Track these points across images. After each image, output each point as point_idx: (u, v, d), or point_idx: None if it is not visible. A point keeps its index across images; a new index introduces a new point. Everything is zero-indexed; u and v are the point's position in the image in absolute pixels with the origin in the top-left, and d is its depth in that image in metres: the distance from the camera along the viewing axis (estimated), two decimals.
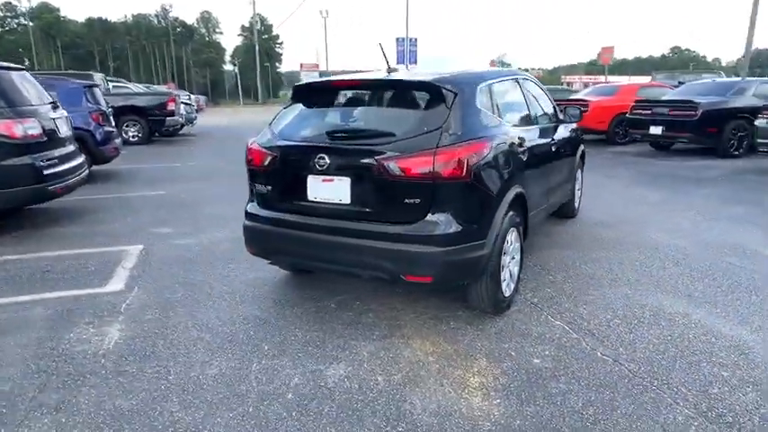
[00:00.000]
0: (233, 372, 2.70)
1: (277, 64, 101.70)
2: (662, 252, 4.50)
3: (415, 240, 2.78)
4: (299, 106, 3.42)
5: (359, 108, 3.32)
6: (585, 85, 28.93)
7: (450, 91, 2.93)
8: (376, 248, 2.86)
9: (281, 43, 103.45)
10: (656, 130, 9.91)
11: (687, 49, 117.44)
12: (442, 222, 2.78)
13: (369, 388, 2.54)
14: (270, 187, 3.26)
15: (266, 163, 3.21)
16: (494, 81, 3.51)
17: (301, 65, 59.01)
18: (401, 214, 2.84)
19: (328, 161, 2.93)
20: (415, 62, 42.65)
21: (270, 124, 3.45)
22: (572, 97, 12.82)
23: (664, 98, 10.63)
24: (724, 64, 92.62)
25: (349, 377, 2.64)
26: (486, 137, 3.02)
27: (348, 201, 2.95)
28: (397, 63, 43.00)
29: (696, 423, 2.23)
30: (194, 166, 10.21)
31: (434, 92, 2.96)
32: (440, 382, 2.58)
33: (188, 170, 9.65)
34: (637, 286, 3.74)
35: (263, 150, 3.24)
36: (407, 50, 41.63)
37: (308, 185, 3.06)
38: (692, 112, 9.37)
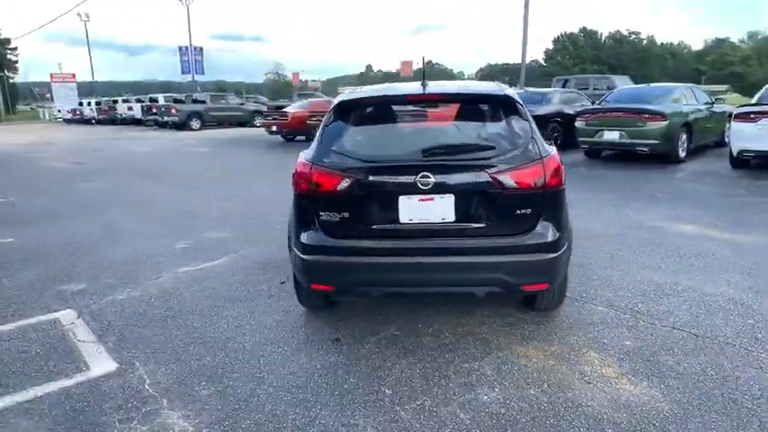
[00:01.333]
0: (388, 426, 2.38)
1: (11, 74, 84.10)
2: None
3: (532, 250, 2.84)
4: (354, 122, 3.13)
5: (438, 123, 3.19)
6: None
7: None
8: (490, 263, 2.82)
9: (13, 49, 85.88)
10: None
11: (437, 63, 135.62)
12: (550, 229, 2.89)
13: (537, 402, 2.53)
14: (347, 213, 2.92)
15: (343, 187, 2.87)
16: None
17: (51, 75, 50.11)
18: (512, 226, 2.86)
19: (432, 179, 2.77)
20: (203, 72, 40.29)
21: (320, 143, 3.07)
22: None
23: None
24: (466, 77, 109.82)
25: (507, 397, 2.58)
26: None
27: (452, 218, 2.84)
28: (182, 73, 40.09)
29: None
30: (18, 202, 8.01)
31: (514, 105, 3.04)
32: (585, 380, 2.71)
33: (18, 208, 7.54)
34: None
35: (338, 173, 2.88)
36: (192, 60, 39.03)
37: (401, 207, 2.84)
38: None
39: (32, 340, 3.31)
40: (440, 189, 2.79)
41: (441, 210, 2.83)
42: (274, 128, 17.40)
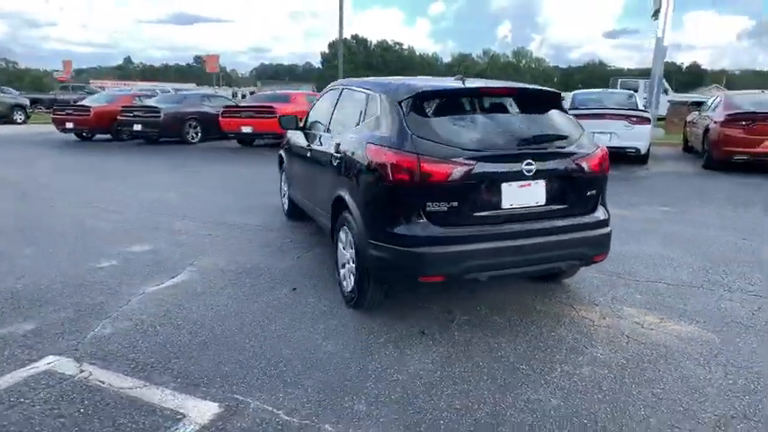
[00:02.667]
0: (558, 382, 2.57)
1: None
2: None
3: (600, 225, 3.30)
4: (436, 112, 3.14)
5: (511, 114, 3.34)
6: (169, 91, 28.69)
7: None
8: (576, 239, 3.19)
9: None
10: (137, 127, 13.86)
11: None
12: (604, 207, 3.40)
13: (629, 349, 3.00)
14: (456, 203, 2.93)
15: (455, 176, 2.89)
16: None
17: None
18: (583, 206, 3.27)
19: (534, 166, 3.01)
20: None
21: (403, 132, 3.00)
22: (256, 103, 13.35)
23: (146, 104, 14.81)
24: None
25: (605, 353, 3.00)
26: None
27: (543, 201, 3.12)
28: None
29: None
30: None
31: (560, 99, 3.46)
32: (646, 327, 3.29)
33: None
34: None
35: (449, 163, 2.88)
36: None
37: (504, 193, 3.01)
38: (157, 115, 13.45)
39: (49, 401, 2.45)
40: (536, 175, 3.05)
41: (535, 194, 3.09)
42: (70, 125, 14.63)
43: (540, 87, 3.62)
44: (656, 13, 13.63)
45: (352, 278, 3.43)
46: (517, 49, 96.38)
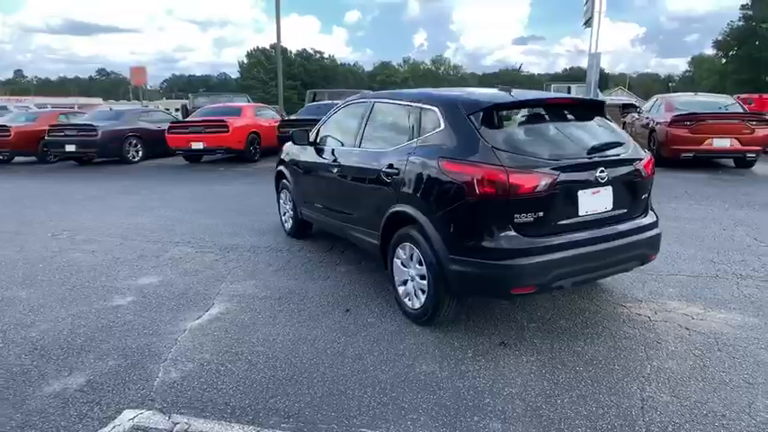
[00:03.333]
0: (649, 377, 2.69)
1: None
2: None
3: (652, 227, 3.48)
4: (506, 123, 3.19)
5: (572, 123, 3.43)
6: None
7: None
8: (640, 241, 3.35)
9: None
10: (70, 147, 12.65)
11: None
12: (652, 209, 3.61)
13: (690, 340, 3.20)
14: (541, 213, 2.98)
15: (542, 186, 2.94)
16: None
17: None
18: (639, 209, 3.45)
19: (606, 173, 3.13)
20: None
21: (478, 144, 3.02)
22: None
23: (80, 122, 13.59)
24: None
25: (674, 351, 3.18)
26: None
27: (611, 207, 3.25)
28: None
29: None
30: None
31: (604, 108, 3.63)
32: (696, 318, 3.52)
33: None
34: None
35: (536, 174, 2.93)
36: None
37: (580, 201, 3.10)
38: (93, 133, 12.43)
39: None
40: (606, 182, 3.18)
41: (605, 200, 3.21)
42: None
43: (590, 97, 3.78)
44: (587, 22, 14.63)
45: (422, 295, 3.38)
46: (435, 57, 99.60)
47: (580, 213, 3.13)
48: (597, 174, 3.12)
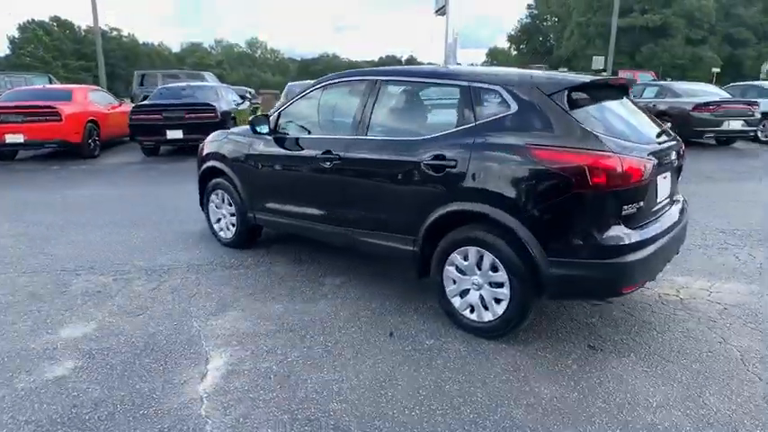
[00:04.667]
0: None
1: None
2: None
3: (685, 209, 3.50)
4: (585, 106, 2.86)
5: (625, 106, 3.19)
6: None
7: None
8: (684, 225, 3.33)
9: None
10: None
11: None
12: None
13: (717, 310, 3.37)
14: (642, 202, 2.75)
15: (646, 174, 2.71)
16: None
17: None
18: (676, 193, 3.45)
19: (673, 158, 3.03)
20: None
21: (571, 127, 2.67)
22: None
23: None
24: None
25: (705, 327, 3.31)
26: None
27: (669, 193, 3.17)
28: None
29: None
30: None
31: None
32: (710, 291, 3.71)
33: None
34: None
35: (643, 159, 2.67)
36: None
37: (659, 187, 2.96)
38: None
39: None
40: (670, 167, 3.09)
41: (667, 186, 3.13)
42: None
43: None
44: (440, 10, 15.17)
45: (496, 305, 2.92)
46: (250, 40, 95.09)
47: (658, 200, 2.99)
48: (671, 158, 3.01)
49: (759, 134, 11.47)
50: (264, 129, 4.00)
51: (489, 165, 2.84)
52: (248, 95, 16.84)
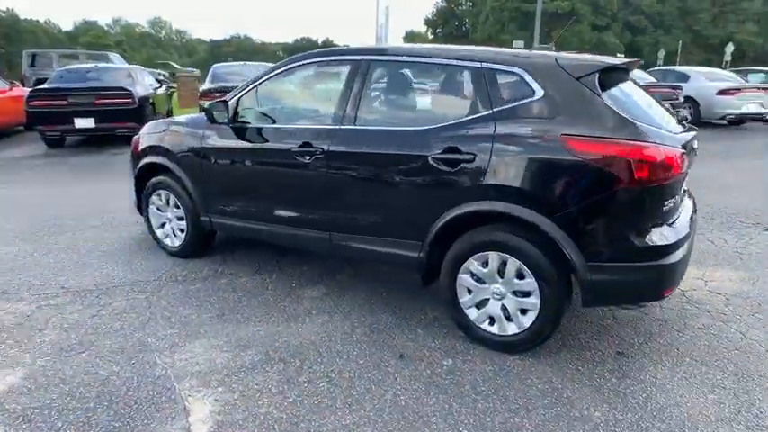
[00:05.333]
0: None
1: None
2: None
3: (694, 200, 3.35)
4: (613, 89, 2.57)
5: (634, 88, 2.91)
6: None
7: None
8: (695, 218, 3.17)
9: None
10: None
11: None
12: None
13: (722, 297, 3.31)
14: (677, 197, 2.53)
15: (686, 166, 2.49)
16: None
17: None
18: None
19: (695, 147, 2.84)
20: None
21: (629, 119, 2.36)
22: None
23: None
24: None
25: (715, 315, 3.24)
26: None
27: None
28: None
29: None
30: None
31: None
32: (707, 280, 3.66)
33: None
34: None
35: (679, 150, 2.42)
36: None
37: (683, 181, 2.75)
38: None
39: None
40: None
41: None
42: None
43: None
44: None
45: (523, 316, 2.60)
46: (153, 19, 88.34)
47: (680, 193, 2.79)
48: (694, 146, 2.80)
49: (685, 114, 12.10)
50: (223, 118, 3.37)
51: (515, 158, 2.47)
52: (162, 77, 15.32)
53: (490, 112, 2.59)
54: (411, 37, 70.37)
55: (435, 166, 2.65)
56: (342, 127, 3.00)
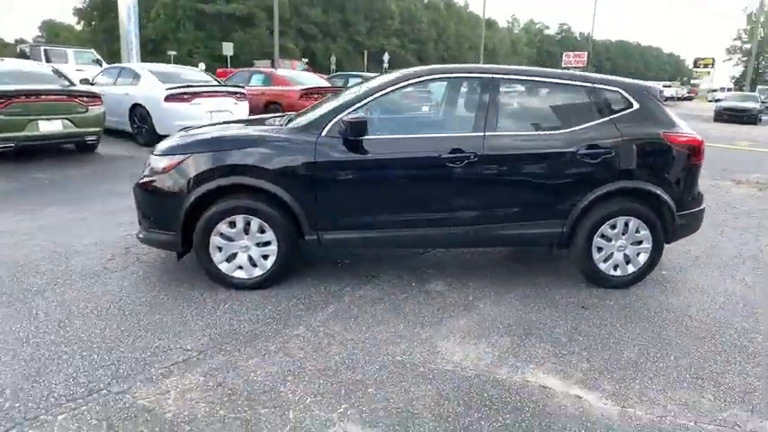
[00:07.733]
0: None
1: None
2: None
3: None
4: None
5: None
6: None
7: None
8: None
9: None
10: None
11: None
12: None
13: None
14: None
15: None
16: None
17: None
18: None
19: None
20: None
21: (678, 120, 3.74)
22: None
23: None
24: None
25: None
26: None
27: None
28: None
29: None
30: None
31: None
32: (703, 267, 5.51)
33: None
34: None
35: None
36: None
37: None
38: None
39: None
40: None
41: None
42: None
43: None
44: None
45: (640, 258, 3.73)
46: None
47: None
48: None
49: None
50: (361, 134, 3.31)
51: (638, 150, 3.58)
52: None
53: (608, 118, 3.60)
54: (52, 27, 58.62)
55: (581, 159, 3.50)
56: (488, 133, 3.47)
